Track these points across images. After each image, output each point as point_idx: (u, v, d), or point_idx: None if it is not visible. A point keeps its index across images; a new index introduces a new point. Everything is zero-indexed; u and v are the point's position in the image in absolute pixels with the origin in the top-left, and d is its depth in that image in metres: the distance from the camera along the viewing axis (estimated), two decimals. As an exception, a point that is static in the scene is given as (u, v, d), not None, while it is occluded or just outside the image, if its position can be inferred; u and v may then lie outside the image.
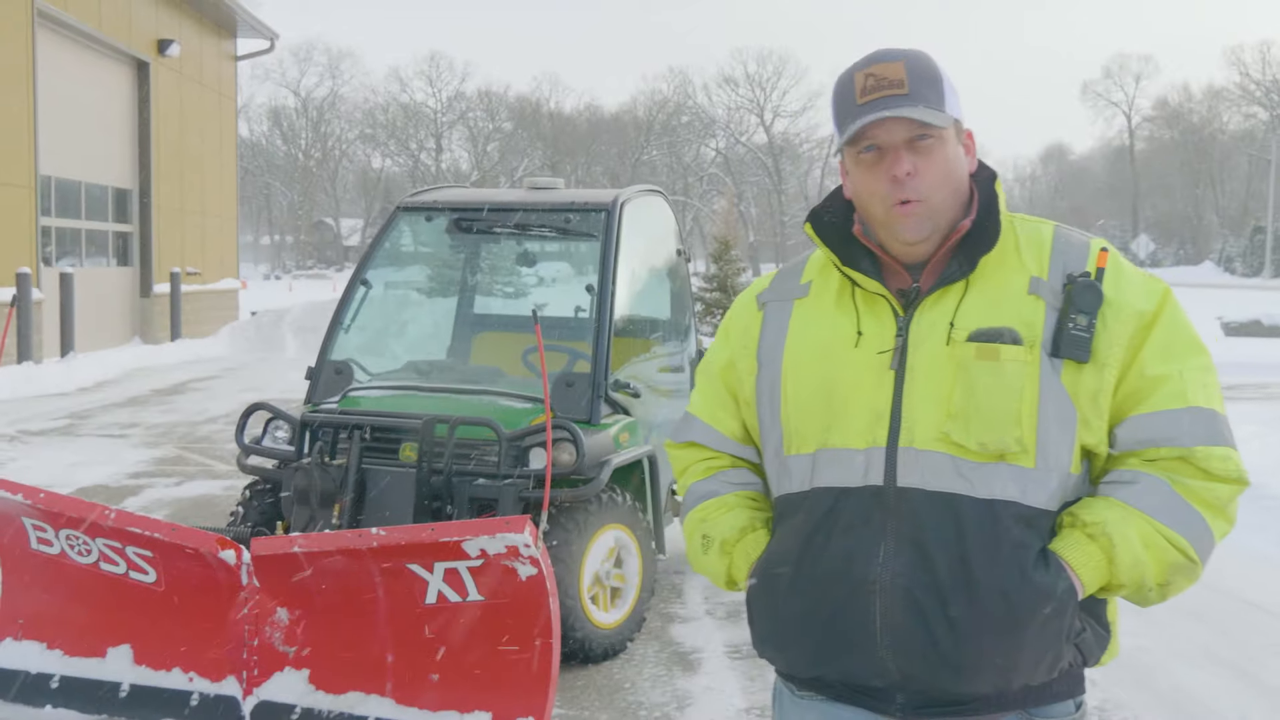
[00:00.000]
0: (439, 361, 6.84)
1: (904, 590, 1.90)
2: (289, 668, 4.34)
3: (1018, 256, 2.00)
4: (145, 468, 10.27)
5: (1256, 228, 76.59)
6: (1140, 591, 1.95)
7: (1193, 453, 1.93)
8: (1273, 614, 6.37)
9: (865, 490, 1.95)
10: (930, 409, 1.93)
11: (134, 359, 18.98)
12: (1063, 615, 1.90)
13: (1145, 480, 1.94)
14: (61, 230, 19.52)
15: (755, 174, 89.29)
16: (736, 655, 5.63)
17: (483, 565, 4.03)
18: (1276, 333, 27.88)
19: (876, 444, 1.96)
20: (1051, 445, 1.92)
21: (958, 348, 1.94)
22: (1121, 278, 1.97)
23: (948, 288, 1.98)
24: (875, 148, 1.97)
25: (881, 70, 1.96)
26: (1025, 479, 1.91)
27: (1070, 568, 1.91)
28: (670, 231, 7.32)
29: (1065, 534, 1.94)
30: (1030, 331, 1.93)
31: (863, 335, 2.01)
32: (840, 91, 2.02)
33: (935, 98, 1.96)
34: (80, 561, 4.51)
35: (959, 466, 1.91)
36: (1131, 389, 1.95)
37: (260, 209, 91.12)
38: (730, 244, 22.15)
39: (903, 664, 1.92)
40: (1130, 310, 1.95)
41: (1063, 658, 1.94)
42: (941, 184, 1.97)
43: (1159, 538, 1.92)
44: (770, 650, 2.11)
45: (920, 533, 1.91)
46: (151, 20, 21.93)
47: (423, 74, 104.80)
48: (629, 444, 5.84)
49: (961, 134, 2.03)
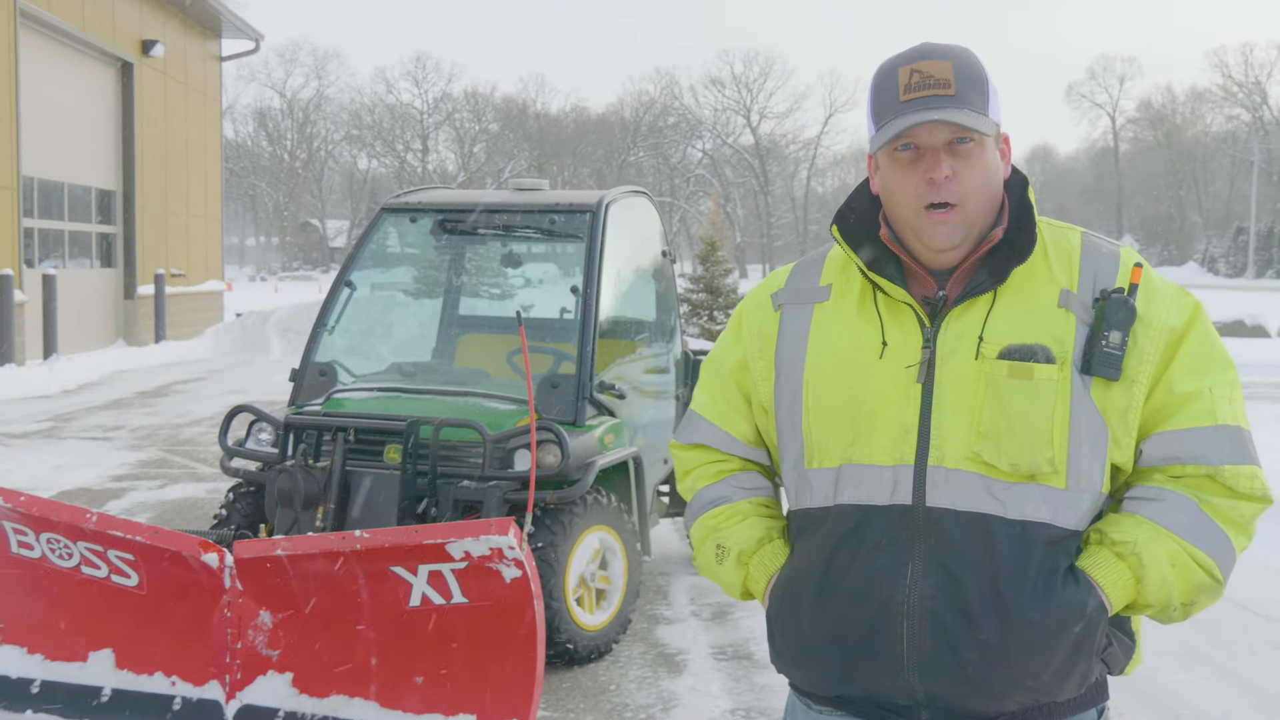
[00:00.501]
0: (423, 363, 6.83)
1: (932, 613, 1.86)
2: (272, 671, 4.32)
3: (1047, 267, 1.95)
4: (128, 470, 10.22)
5: (1239, 228, 76.97)
6: (1165, 611, 1.92)
7: (1220, 471, 1.89)
8: (1256, 613, 6.39)
9: (893, 509, 1.90)
10: (960, 426, 1.88)
11: (117, 361, 18.90)
12: (1093, 633, 1.88)
13: (1172, 498, 1.91)
14: (44, 231, 19.43)
15: (742, 175, 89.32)
16: (722, 656, 5.62)
17: (467, 568, 4.01)
18: (1259, 333, 28.02)
19: (904, 461, 1.90)
20: (1083, 465, 1.88)
21: (988, 364, 1.88)
22: (1153, 293, 1.93)
23: (975, 298, 1.92)
24: (913, 146, 1.90)
25: (928, 68, 1.88)
26: (1056, 500, 1.88)
27: (1099, 586, 1.88)
28: (655, 233, 7.32)
29: (1093, 551, 1.91)
30: (1061, 347, 1.88)
31: (888, 345, 1.94)
32: (881, 84, 1.93)
33: (980, 101, 1.89)
34: (61, 565, 4.48)
35: (990, 487, 1.87)
36: (1159, 405, 1.92)
37: (245, 210, 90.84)
38: (716, 245, 22.12)
39: (930, 685, 1.89)
40: (1162, 326, 1.91)
41: (1091, 673, 1.92)
42: (979, 191, 1.91)
43: (1187, 558, 1.89)
44: (791, 668, 2.07)
45: (949, 554, 1.87)
46: (135, 20, 21.85)
47: (409, 75, 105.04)
48: (614, 445, 5.83)
49: (999, 139, 1.96)
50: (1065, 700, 1.93)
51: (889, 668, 1.90)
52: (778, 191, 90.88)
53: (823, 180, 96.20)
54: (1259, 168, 78.45)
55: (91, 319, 20.71)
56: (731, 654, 5.63)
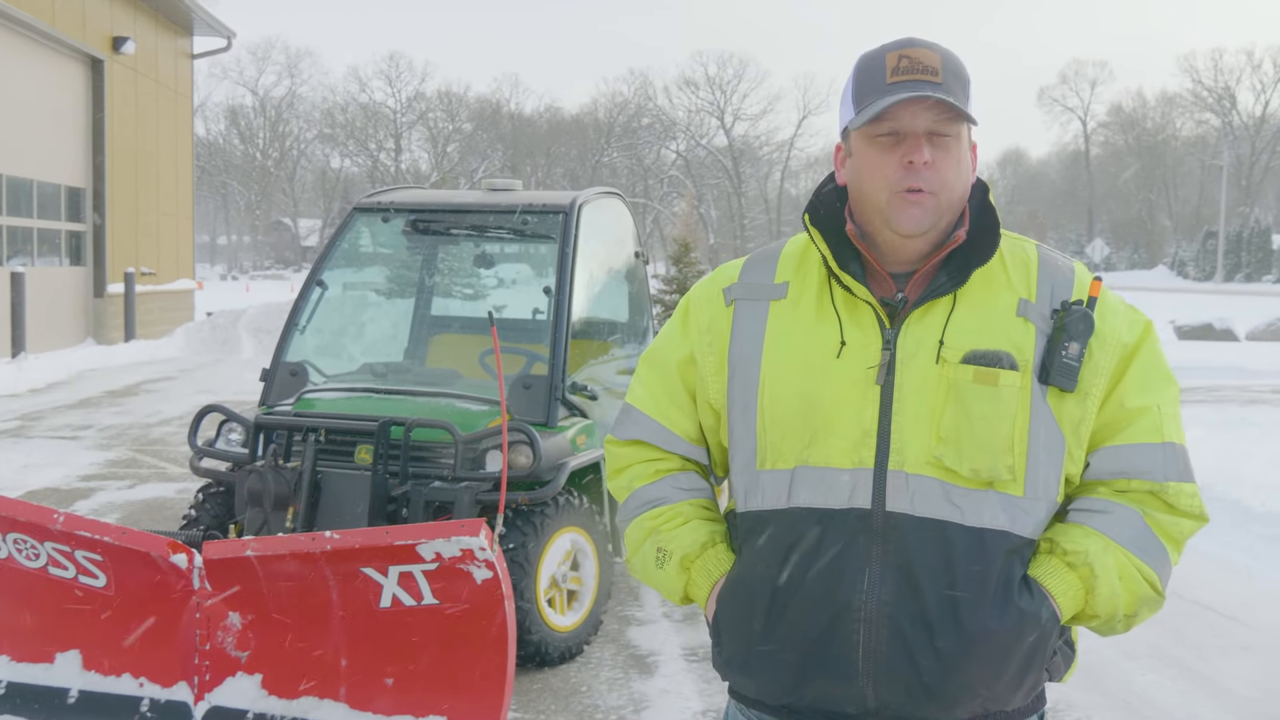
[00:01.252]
0: (395, 363, 6.81)
1: (890, 619, 1.86)
2: (241, 673, 4.29)
3: (1005, 274, 1.96)
4: (97, 470, 10.15)
5: (1209, 232, 77.62)
6: (1110, 622, 1.94)
7: (1165, 488, 1.92)
8: (1222, 614, 6.45)
9: (850, 513, 1.89)
10: (921, 431, 1.88)
11: (87, 360, 18.75)
12: (1045, 643, 1.90)
13: (1120, 511, 1.93)
14: (13, 229, 19.26)
15: (715, 177, 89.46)
16: (693, 658, 5.63)
17: (438, 569, 4.00)
18: (1228, 336, 28.27)
19: (864, 465, 1.89)
20: (1041, 473, 1.90)
21: (950, 368, 1.88)
22: (1109, 310, 1.96)
23: (935, 301, 1.92)
24: (894, 132, 1.89)
25: (917, 54, 1.90)
26: (1014, 508, 1.88)
27: (1051, 596, 1.89)
28: (629, 234, 7.32)
29: (1044, 560, 1.92)
30: (1022, 356, 1.89)
31: (846, 345, 1.93)
32: (866, 69, 1.93)
33: (963, 96, 1.90)
34: (28, 566, 4.44)
35: (949, 493, 1.87)
36: (1109, 419, 1.94)
37: (217, 209, 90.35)
38: (690, 246, 22.15)
39: (883, 693, 1.88)
40: (1116, 342, 1.94)
41: (1040, 683, 1.94)
42: (953, 182, 1.91)
43: (1134, 570, 1.91)
44: (738, 675, 2.03)
45: (908, 560, 1.86)
46: (106, 17, 21.69)
47: (382, 74, 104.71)
48: (586, 447, 5.83)
49: (970, 144, 1.98)
50: (1013, 709, 1.94)
51: (843, 674, 1.88)
52: (751, 193, 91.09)
53: (796, 182, 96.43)
54: (1228, 172, 79.15)
55: (60, 317, 20.54)
56: (703, 655, 5.64)
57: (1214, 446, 9.76)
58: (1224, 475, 8.64)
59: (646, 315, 7.31)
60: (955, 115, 1.88)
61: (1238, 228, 77.06)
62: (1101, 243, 79.40)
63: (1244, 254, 74.64)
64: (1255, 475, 9.04)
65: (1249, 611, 6.53)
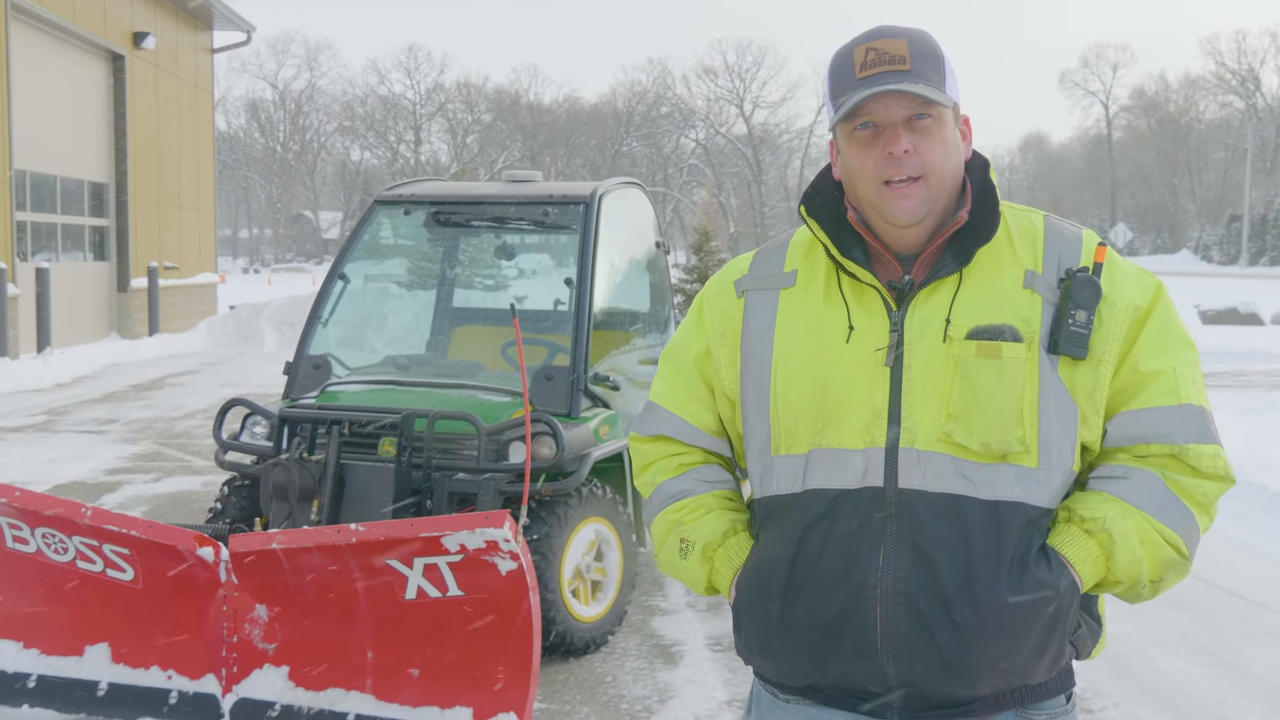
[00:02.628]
0: (418, 356, 6.82)
1: (905, 595, 1.86)
2: (268, 665, 4.32)
3: (1011, 248, 1.96)
4: (123, 464, 10.21)
5: (1233, 216, 77.03)
6: (1134, 588, 1.93)
7: (1185, 450, 1.90)
8: (1250, 601, 6.41)
9: (864, 492, 1.89)
10: (930, 408, 1.88)
11: (111, 354, 18.88)
12: (1066, 613, 1.88)
13: (1139, 476, 1.92)
14: (37, 225, 19.37)
15: (735, 165, 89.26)
16: (718, 648, 5.63)
17: (462, 560, 4.01)
18: (1252, 320, 28.08)
19: (875, 444, 1.90)
20: (1054, 443, 1.89)
21: (956, 345, 1.89)
22: (1117, 273, 1.94)
23: (941, 281, 1.93)
24: (872, 125, 1.90)
25: (883, 45, 1.90)
26: (1029, 479, 1.88)
27: (1070, 564, 1.88)
28: (649, 223, 7.31)
29: (1062, 529, 1.91)
30: (1028, 328, 1.89)
31: (854, 329, 1.94)
32: (837, 65, 1.94)
33: (936, 77, 1.90)
34: (57, 560, 4.48)
35: (961, 468, 1.87)
36: (1124, 384, 1.92)
37: (238, 202, 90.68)
38: (710, 235, 22.10)
39: (903, 669, 1.87)
40: (1126, 305, 1.92)
41: (1063, 656, 1.92)
42: (940, 165, 1.91)
43: (1155, 534, 1.90)
44: (759, 659, 2.04)
45: (922, 536, 1.86)
46: (126, 12, 21.78)
47: (401, 66, 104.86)
48: (609, 437, 5.83)
49: (959, 119, 1.97)
50: (1037, 684, 1.93)
51: (862, 653, 1.89)
52: (771, 181, 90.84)
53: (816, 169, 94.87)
54: (1252, 155, 78.52)
55: (85, 312, 20.68)
56: (727, 645, 5.64)
57: (1242, 432, 9.71)
58: (1252, 461, 8.59)
59: (668, 305, 7.31)
60: (929, 99, 1.89)
61: (1262, 211, 76.44)
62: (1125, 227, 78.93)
63: (1269, 237, 74.05)
64: (1283, 460, 8.98)
65: (1277, 598, 6.50)
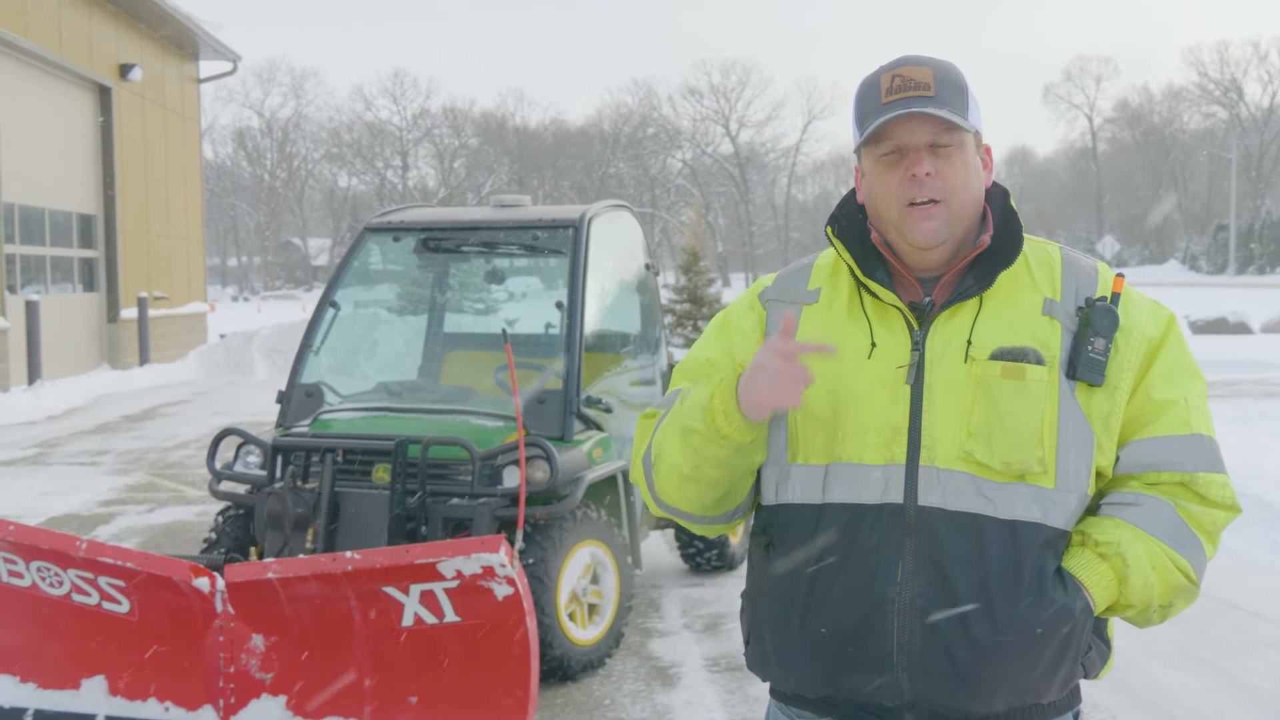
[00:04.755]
0: (410, 382, 6.83)
1: (923, 611, 1.90)
2: (266, 694, 4.31)
3: (1030, 276, 2.01)
4: (116, 495, 10.18)
5: (1220, 226, 77.36)
6: (1145, 612, 1.98)
7: (1195, 479, 1.97)
8: (1248, 612, 6.43)
9: (884, 508, 1.93)
10: (951, 427, 1.92)
11: (102, 385, 18.82)
12: (1079, 634, 1.93)
13: (1150, 503, 1.97)
14: (26, 257, 19.35)
15: (722, 184, 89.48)
16: (715, 669, 5.62)
17: (459, 586, 4.02)
18: (1242, 329, 28.18)
19: (895, 461, 1.94)
20: (1071, 465, 1.93)
21: (978, 365, 1.93)
22: (1132, 304, 2.01)
23: (962, 303, 1.98)
24: (896, 150, 1.96)
25: (909, 72, 1.96)
26: (1046, 499, 1.92)
27: (1085, 587, 1.93)
28: (638, 245, 7.33)
29: (1076, 553, 1.95)
30: (1048, 352, 1.94)
31: (876, 347, 1.98)
32: (864, 92, 2.01)
33: (959, 105, 1.96)
34: (52, 593, 4.46)
35: (980, 486, 1.91)
36: (1137, 411, 1.98)
37: (227, 231, 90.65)
38: (699, 255, 22.13)
39: (919, 684, 1.91)
40: (1141, 335, 1.98)
41: (1075, 675, 1.97)
42: (961, 189, 1.96)
43: (1166, 560, 1.95)
44: (777, 669, 2.06)
45: (940, 553, 1.90)
46: (113, 44, 21.81)
47: (387, 92, 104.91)
48: (603, 460, 5.83)
49: (980, 147, 2.03)
50: (1048, 702, 1.97)
51: (879, 667, 1.92)
52: (758, 200, 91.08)
53: (803, 187, 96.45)
54: (1237, 165, 78.88)
55: (75, 344, 20.63)
56: (725, 665, 5.64)
57: (1233, 441, 9.72)
58: (1244, 470, 8.62)
59: (658, 326, 7.32)
60: (952, 125, 1.94)
61: (1249, 220, 76.81)
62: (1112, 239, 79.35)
63: (1256, 246, 74.34)
64: (1275, 469, 9.03)
65: (1273, 607, 6.51)
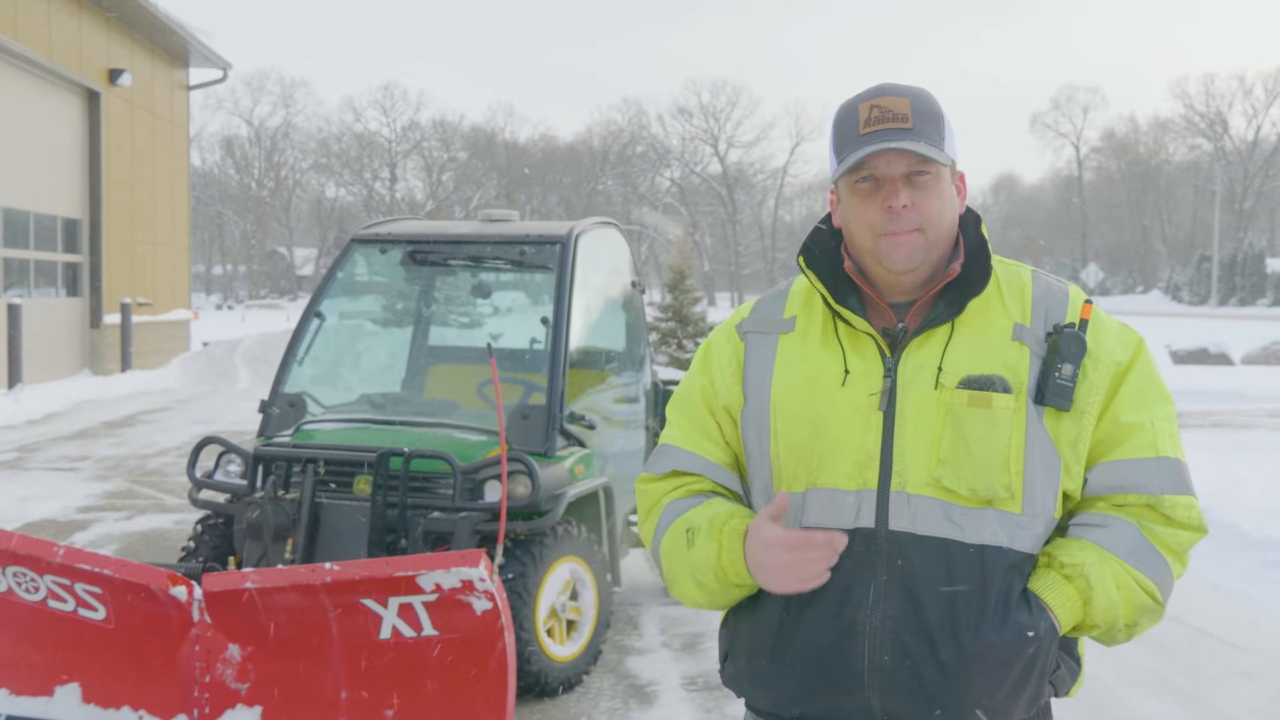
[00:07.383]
0: (393, 394, 6.82)
1: (893, 633, 1.93)
2: (241, 705, 4.28)
3: (1001, 301, 2.04)
4: (95, 501, 10.13)
5: (1203, 256, 77.86)
6: (1110, 632, 2.01)
7: (1160, 501, 1.99)
8: (1222, 641, 6.45)
9: (857, 533, 1.96)
10: (921, 453, 1.95)
11: (83, 391, 18.74)
12: (1045, 654, 1.96)
13: (1116, 524, 2.00)
14: (9, 261, 19.27)
15: (710, 204, 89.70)
16: (693, 687, 5.62)
17: (437, 600, 4.01)
18: (1223, 360, 28.34)
19: (867, 486, 1.97)
20: (1038, 491, 1.96)
21: (947, 393, 1.96)
22: (1101, 329, 2.03)
23: (933, 330, 2.00)
24: (872, 178, 1.98)
25: (887, 103, 1.98)
26: (1013, 525, 1.95)
27: (1049, 608, 1.96)
28: (625, 263, 7.35)
29: (1042, 574, 1.99)
30: (1016, 378, 1.97)
31: (850, 374, 2.01)
32: (842, 120, 2.02)
33: (936, 136, 1.98)
34: (27, 599, 4.44)
35: (949, 512, 1.94)
36: (1104, 435, 2.00)
37: (213, 238, 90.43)
38: (685, 273, 22.17)
39: (888, 704, 1.95)
40: (1109, 360, 2.01)
41: (1042, 694, 2.00)
42: (936, 218, 1.99)
43: (1130, 581, 1.97)
44: (751, 688, 2.09)
45: (910, 577, 1.94)
46: (103, 49, 21.77)
47: (377, 103, 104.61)
48: (584, 476, 5.83)
49: (955, 175, 2.05)
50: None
51: (849, 686, 1.96)
52: (746, 220, 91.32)
53: (790, 209, 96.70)
54: (1221, 197, 79.43)
55: (57, 348, 20.53)
56: (702, 684, 5.63)
57: (1212, 471, 9.77)
58: (1222, 500, 8.66)
59: (643, 344, 7.33)
60: (928, 158, 1.97)
61: (1232, 252, 77.32)
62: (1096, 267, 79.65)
63: (1238, 278, 74.85)
64: (1253, 500, 9.06)
65: (1248, 637, 6.53)
